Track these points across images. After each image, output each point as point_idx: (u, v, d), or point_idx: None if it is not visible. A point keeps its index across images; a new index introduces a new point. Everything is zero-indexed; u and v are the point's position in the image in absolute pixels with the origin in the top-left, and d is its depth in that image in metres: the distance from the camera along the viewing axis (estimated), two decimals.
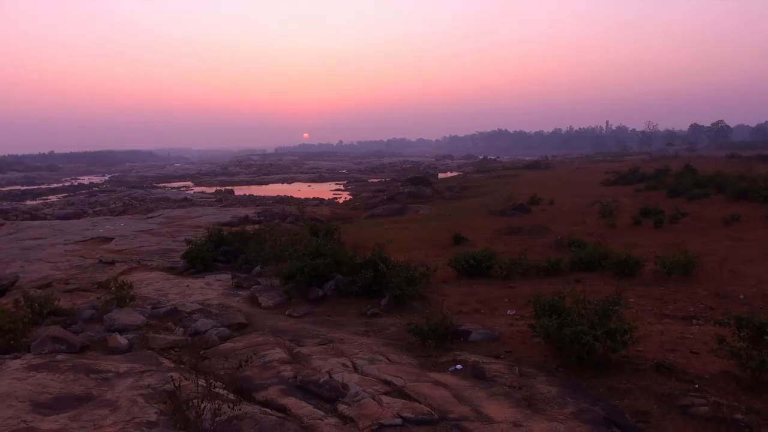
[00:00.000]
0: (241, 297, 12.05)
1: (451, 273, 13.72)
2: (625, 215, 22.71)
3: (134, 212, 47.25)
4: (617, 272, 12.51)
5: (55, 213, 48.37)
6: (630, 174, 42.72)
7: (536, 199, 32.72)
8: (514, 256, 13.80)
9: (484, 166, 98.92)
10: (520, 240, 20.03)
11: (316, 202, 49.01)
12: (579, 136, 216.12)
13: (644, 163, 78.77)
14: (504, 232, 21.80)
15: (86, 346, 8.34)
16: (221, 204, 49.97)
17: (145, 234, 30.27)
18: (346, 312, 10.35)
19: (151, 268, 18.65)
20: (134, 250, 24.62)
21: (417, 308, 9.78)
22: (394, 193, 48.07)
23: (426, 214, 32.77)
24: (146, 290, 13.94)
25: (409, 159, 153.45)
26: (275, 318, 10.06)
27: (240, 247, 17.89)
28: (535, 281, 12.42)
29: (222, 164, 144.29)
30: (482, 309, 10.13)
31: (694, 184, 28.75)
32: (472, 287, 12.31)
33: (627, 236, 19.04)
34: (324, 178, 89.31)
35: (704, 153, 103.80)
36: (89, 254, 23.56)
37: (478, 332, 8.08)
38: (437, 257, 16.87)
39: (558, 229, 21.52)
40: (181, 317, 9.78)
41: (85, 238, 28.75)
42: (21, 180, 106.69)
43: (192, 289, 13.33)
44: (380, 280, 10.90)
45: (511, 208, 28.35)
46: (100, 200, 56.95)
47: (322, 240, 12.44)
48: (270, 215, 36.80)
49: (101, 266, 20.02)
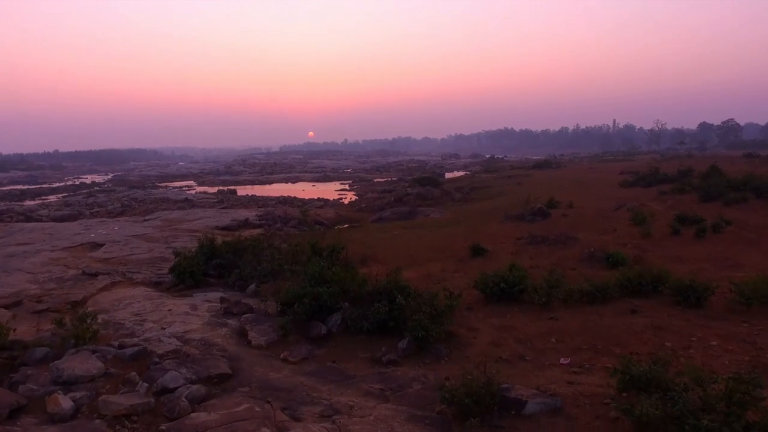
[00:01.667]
0: (229, 328, 10.13)
1: (476, 295, 11.75)
2: (658, 223, 20.63)
3: (132, 213, 45.52)
4: (678, 300, 10.46)
5: (51, 214, 46.66)
6: (650, 175, 40.43)
7: (554, 202, 30.60)
8: (542, 270, 11.82)
9: (492, 165, 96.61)
10: (545, 251, 18.01)
11: (320, 204, 47.10)
12: (586, 134, 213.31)
13: (658, 163, 76.40)
14: (526, 241, 19.77)
15: (21, 407, 6.44)
16: (222, 205, 48.15)
17: (138, 239, 28.41)
18: (355, 356, 8.39)
19: (136, 282, 16.79)
20: (123, 258, 22.77)
21: (444, 353, 7.84)
22: (402, 195, 46.07)
23: (437, 218, 30.75)
24: (122, 314, 12.08)
25: (414, 158, 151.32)
26: (267, 363, 8.13)
27: (234, 259, 16.00)
28: (579, 310, 10.44)
29: (226, 163, 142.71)
30: (526, 354, 8.15)
31: (727, 187, 26.59)
32: (505, 317, 10.33)
33: (667, 248, 16.98)
34: (329, 177, 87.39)
35: (716, 152, 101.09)
36: (74, 263, 21.74)
37: (534, 402, 6.07)
38: (457, 273, 14.89)
39: (586, 239, 19.46)
40: (150, 363, 7.86)
41: (74, 244, 26.90)
42: (24, 179, 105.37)
43: (174, 315, 11.43)
44: (397, 315, 8.91)
45: (529, 213, 26.28)
46: (99, 201, 55.24)
47: (326, 261, 10.46)
48: (271, 218, 34.91)
49: (83, 279, 18.19)
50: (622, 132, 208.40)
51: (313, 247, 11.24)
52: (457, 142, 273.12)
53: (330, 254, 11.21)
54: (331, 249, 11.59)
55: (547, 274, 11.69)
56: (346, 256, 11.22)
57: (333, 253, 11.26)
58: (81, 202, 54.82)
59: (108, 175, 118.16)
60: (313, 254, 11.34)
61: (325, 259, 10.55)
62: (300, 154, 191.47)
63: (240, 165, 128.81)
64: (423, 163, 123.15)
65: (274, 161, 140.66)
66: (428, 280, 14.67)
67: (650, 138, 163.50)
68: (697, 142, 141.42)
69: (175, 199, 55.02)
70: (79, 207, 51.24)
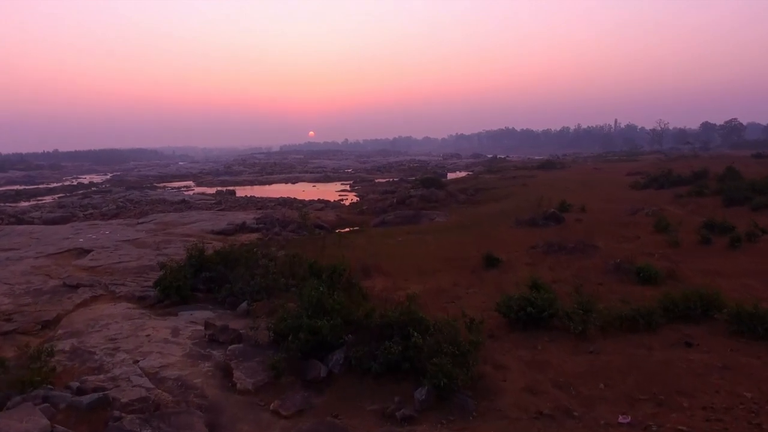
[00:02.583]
0: (212, 362, 8.69)
1: (497, 319, 10.30)
2: (683, 229, 19.16)
3: (127, 215, 44.10)
4: (738, 330, 8.96)
5: (43, 216, 45.23)
6: (662, 176, 38.88)
7: (566, 205, 29.14)
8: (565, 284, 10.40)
9: (494, 165, 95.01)
10: (564, 261, 16.56)
11: (320, 206, 45.67)
12: (587, 134, 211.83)
13: (664, 163, 74.86)
14: (542, 249, 18.31)
15: None
16: (219, 207, 46.73)
17: (128, 245, 26.97)
18: (361, 409, 6.92)
19: (118, 296, 15.35)
20: (110, 267, 21.34)
21: (471, 406, 6.42)
22: (405, 197, 44.61)
23: (443, 222, 29.29)
24: (95, 338, 10.66)
25: (415, 158, 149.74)
26: (254, 417, 6.70)
27: (225, 272, 14.56)
28: (621, 339, 8.98)
29: (226, 163, 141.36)
30: (572, 406, 6.67)
31: (751, 190, 25.08)
32: (535, 350, 8.88)
33: (699, 260, 15.50)
34: (329, 178, 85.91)
35: (722, 152, 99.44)
36: (57, 272, 20.32)
37: None
38: (471, 289, 13.45)
39: (606, 247, 18.02)
40: (109, 417, 6.41)
41: (60, 250, 25.47)
42: (21, 179, 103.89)
43: (152, 342, 10.00)
44: (413, 355, 7.43)
45: (542, 218, 24.82)
46: (93, 202, 53.79)
47: (326, 285, 8.93)
48: (270, 222, 33.44)
49: (62, 292, 16.76)
50: (623, 132, 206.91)
51: (311, 268, 9.71)
52: (457, 141, 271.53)
53: (331, 276, 9.69)
54: (332, 270, 10.09)
55: (578, 295, 10.21)
56: (349, 277, 9.72)
57: (335, 274, 9.73)
58: (75, 204, 53.39)
59: (107, 175, 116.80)
60: (311, 275, 9.80)
61: (325, 282, 9.05)
62: (300, 154, 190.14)
63: (240, 165, 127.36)
64: (424, 163, 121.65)
65: (274, 161, 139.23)
66: (439, 296, 13.23)
67: (652, 138, 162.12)
68: (700, 142, 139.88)
69: (171, 201, 53.59)
70: (73, 208, 49.81)
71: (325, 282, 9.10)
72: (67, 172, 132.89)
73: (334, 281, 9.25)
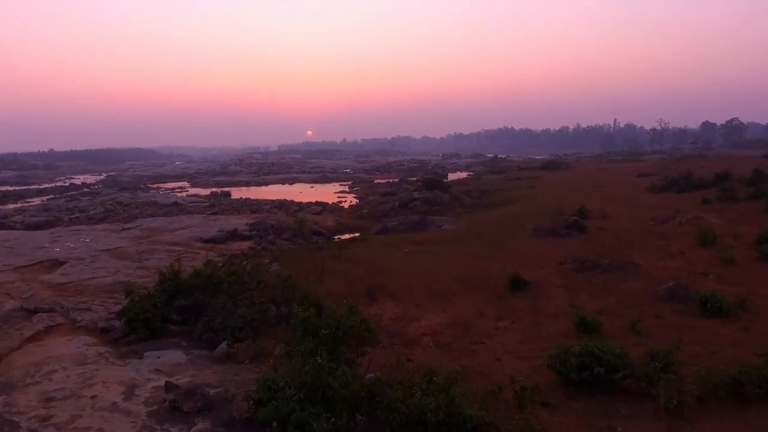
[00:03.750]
0: None
1: (548, 376, 7.94)
2: (733, 242, 16.82)
3: (114, 219, 41.66)
4: None
5: (26, 221, 42.71)
6: (682, 179, 36.56)
7: (584, 211, 26.81)
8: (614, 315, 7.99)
9: (496, 166, 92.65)
10: (602, 282, 14.25)
11: (318, 209, 43.29)
12: (587, 134, 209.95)
13: (670, 163, 72.64)
14: (572, 266, 15.99)
15: None
16: (212, 210, 44.32)
17: (107, 255, 24.58)
18: None
19: (77, 327, 12.98)
20: (81, 283, 18.96)
21: None
22: (407, 200, 42.22)
23: (452, 230, 26.93)
24: (26, 398, 8.34)
25: (415, 158, 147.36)
26: None
27: (205, 298, 12.22)
28: (729, 416, 6.66)
29: (223, 163, 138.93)
30: None
31: None
32: None
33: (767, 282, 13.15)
34: (327, 178, 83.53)
35: (728, 152, 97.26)
36: (20, 290, 17.94)
37: None
38: (500, 322, 11.12)
39: (647, 264, 15.70)
40: None
41: (32, 262, 23.05)
42: (13, 179, 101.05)
43: (96, 408, 7.65)
44: None
45: (563, 227, 22.49)
46: (81, 205, 51.24)
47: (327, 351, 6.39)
48: (263, 228, 31.03)
49: (16, 318, 14.39)
50: (623, 131, 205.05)
51: (305, 322, 7.06)
52: (456, 141, 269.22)
53: (334, 336, 7.08)
54: (336, 326, 6.89)
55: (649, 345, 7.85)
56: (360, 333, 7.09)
57: (339, 332, 6.98)
58: (61, 207, 50.83)
59: (101, 175, 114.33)
60: (305, 333, 7.20)
61: (325, 346, 6.52)
62: (298, 154, 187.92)
63: (237, 165, 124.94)
64: (424, 162, 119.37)
65: (272, 161, 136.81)
66: (463, 332, 10.88)
67: (653, 137, 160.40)
68: (702, 142, 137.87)
69: (162, 203, 51.13)
70: (59, 212, 47.27)
71: (326, 344, 6.61)
72: (61, 173, 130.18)
73: (338, 342, 6.76)
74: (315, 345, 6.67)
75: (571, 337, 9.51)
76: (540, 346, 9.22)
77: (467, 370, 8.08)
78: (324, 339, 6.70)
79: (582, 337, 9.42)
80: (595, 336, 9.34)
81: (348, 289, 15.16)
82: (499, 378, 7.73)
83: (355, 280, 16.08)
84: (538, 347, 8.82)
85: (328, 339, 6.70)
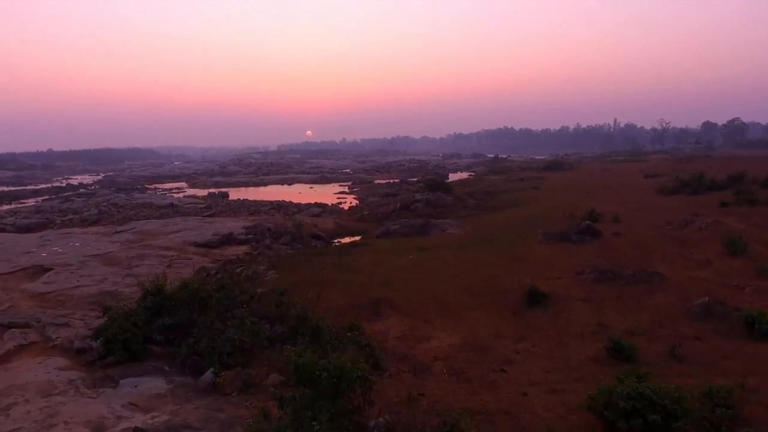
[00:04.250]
0: None
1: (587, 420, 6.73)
2: (759, 247, 15.68)
3: (108, 221, 40.46)
4: None
5: (17, 223, 41.43)
6: (695, 180, 35.37)
7: (595, 214, 25.63)
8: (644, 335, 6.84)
9: (497, 166, 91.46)
10: (626, 296, 13.08)
11: (317, 210, 42.09)
12: (587, 134, 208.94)
13: (674, 163, 71.53)
14: (591, 277, 14.81)
15: None
16: (209, 212, 43.14)
17: (96, 261, 23.41)
18: None
19: (51, 346, 11.78)
20: (64, 293, 17.82)
21: None
22: (409, 201, 41.05)
23: (457, 235, 25.75)
24: None
25: (415, 158, 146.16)
26: None
27: (191, 316, 11.04)
28: None
29: (222, 163, 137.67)
30: None
31: None
32: None
33: None
34: (327, 179, 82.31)
35: (732, 152, 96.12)
36: None
37: None
38: (522, 344, 9.93)
39: (673, 274, 14.52)
40: None
41: (15, 268, 21.91)
42: (9, 180, 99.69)
43: None
44: None
45: (575, 231, 21.32)
46: (74, 207, 49.99)
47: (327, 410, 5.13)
48: (260, 232, 29.84)
49: None
50: (623, 131, 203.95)
51: (299, 370, 5.74)
52: (456, 141, 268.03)
53: (335, 388, 5.53)
54: (339, 374, 5.71)
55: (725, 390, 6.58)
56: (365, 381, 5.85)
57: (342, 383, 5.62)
58: (54, 208, 49.56)
59: (99, 175, 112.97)
60: (298, 380, 5.98)
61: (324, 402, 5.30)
62: (298, 154, 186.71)
63: (236, 165, 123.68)
64: (424, 162, 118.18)
65: (271, 161, 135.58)
66: (479, 356, 9.69)
67: (653, 137, 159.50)
68: (704, 142, 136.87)
69: (158, 205, 49.91)
70: (51, 214, 46.02)
71: (326, 396, 5.43)
72: (59, 173, 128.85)
73: (340, 393, 5.52)
74: (312, 398, 5.48)
75: (605, 365, 8.38)
76: (571, 377, 8.06)
77: (490, 409, 6.92)
78: (324, 390, 5.49)
79: (617, 365, 8.26)
80: (633, 363, 8.18)
81: (349, 302, 14.00)
82: (529, 420, 6.58)
83: (357, 292, 14.91)
84: (568, 377, 7.68)
85: (328, 389, 5.49)
